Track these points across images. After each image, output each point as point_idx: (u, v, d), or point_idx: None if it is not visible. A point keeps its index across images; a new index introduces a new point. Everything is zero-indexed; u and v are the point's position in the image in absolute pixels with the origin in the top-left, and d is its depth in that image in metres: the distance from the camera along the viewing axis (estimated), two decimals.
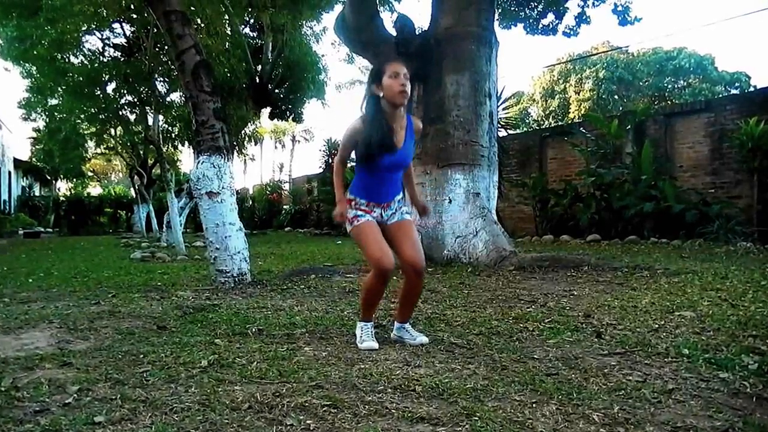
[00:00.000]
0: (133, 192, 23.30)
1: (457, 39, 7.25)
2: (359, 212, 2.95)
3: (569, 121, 27.42)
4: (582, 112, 30.15)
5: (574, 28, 11.38)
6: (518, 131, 16.64)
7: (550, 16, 11.36)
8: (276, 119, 21.83)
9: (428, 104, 7.28)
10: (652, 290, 4.51)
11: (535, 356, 2.67)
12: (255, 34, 16.24)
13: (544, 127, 27.27)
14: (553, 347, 2.84)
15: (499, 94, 10.54)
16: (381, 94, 2.87)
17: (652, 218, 9.73)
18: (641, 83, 32.02)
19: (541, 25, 11.49)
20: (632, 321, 3.39)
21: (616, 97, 32.00)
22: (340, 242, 12.84)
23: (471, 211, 6.87)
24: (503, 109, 12.79)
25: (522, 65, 68.46)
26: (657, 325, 3.24)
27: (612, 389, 2.19)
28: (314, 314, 3.83)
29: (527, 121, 33.76)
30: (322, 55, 16.71)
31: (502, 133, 12.52)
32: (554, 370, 2.43)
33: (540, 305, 4.02)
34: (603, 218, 10.63)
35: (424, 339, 2.99)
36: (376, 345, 2.89)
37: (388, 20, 9.79)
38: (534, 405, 2.03)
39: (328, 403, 2.05)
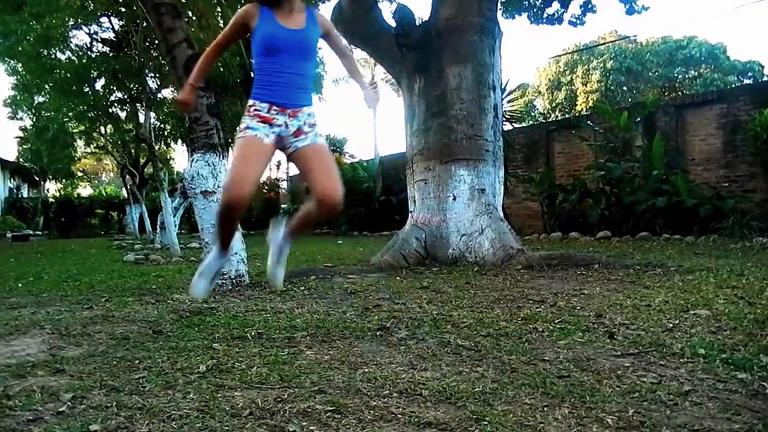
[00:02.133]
0: (125, 192, 23.31)
1: (458, 30, 7.25)
2: (254, 124, 2.67)
3: (577, 114, 27.38)
4: (590, 104, 30.06)
5: (580, 17, 11.37)
6: (524, 125, 16.62)
7: (555, 5, 11.35)
8: None
9: (430, 98, 7.28)
10: (665, 288, 4.51)
11: (546, 358, 2.67)
12: None
13: (550, 120, 27.21)
14: (564, 348, 2.84)
15: (503, 87, 10.54)
16: None
17: (664, 214, 9.72)
18: (650, 73, 31.96)
19: (545, 14, 11.48)
20: (645, 320, 3.39)
21: (624, 88, 31.91)
22: (340, 242, 12.85)
23: (476, 209, 6.87)
24: (508, 101, 12.77)
25: (527, 56, 68.45)
26: (671, 325, 3.24)
27: (626, 391, 2.19)
28: (315, 317, 3.83)
29: (533, 114, 33.71)
30: (319, 48, 16.65)
31: (507, 126, 12.50)
32: (566, 372, 2.43)
33: (549, 305, 4.02)
34: (613, 214, 10.62)
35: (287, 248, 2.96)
36: (201, 293, 2.88)
37: (387, 11, 9.80)
38: (545, 408, 2.03)
39: (332, 408, 2.05)
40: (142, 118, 14.97)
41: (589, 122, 12.18)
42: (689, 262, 5.93)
